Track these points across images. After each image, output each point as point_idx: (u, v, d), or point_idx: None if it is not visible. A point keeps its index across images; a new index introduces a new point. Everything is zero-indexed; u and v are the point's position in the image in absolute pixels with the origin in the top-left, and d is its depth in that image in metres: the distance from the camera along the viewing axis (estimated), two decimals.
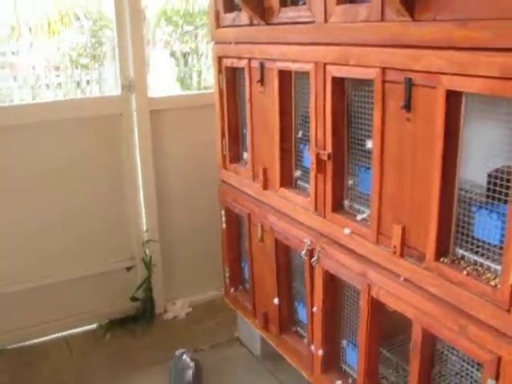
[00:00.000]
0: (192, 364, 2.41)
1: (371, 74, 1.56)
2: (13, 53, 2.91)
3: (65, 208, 2.86)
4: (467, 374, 1.57)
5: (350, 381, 2.00)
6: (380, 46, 1.52)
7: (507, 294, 1.27)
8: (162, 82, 3.48)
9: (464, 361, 1.57)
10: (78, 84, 3.11)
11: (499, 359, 1.32)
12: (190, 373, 2.36)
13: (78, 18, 2.96)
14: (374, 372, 1.86)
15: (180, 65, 3.47)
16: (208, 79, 3.44)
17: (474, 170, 1.46)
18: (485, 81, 1.23)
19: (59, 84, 3.08)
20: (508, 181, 1.29)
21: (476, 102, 1.35)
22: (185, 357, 2.44)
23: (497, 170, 1.35)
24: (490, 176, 1.38)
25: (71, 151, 2.82)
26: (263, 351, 2.68)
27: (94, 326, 3.05)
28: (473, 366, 1.54)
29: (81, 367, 2.70)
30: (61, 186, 2.83)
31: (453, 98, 1.35)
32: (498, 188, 1.33)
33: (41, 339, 2.93)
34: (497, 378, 1.33)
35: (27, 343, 2.89)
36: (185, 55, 3.50)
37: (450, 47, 1.30)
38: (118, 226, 3.03)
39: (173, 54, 3.47)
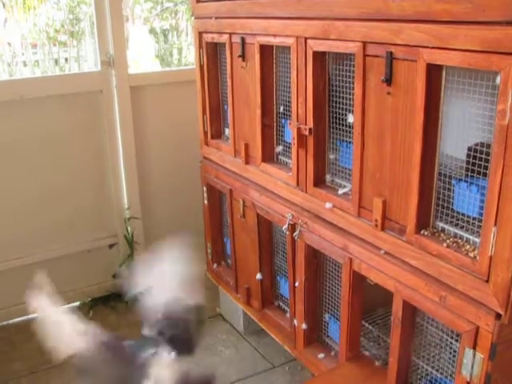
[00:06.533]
0: None
1: (352, 48, 1.56)
2: None
3: (45, 187, 2.83)
4: (446, 345, 1.60)
5: (333, 353, 2.02)
6: (361, 20, 1.52)
7: (485, 266, 1.29)
8: (142, 59, 3.45)
9: (443, 331, 1.60)
10: (56, 62, 3.06)
11: (477, 329, 1.34)
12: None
13: None
14: (356, 345, 1.89)
15: (160, 42, 3.44)
16: (188, 57, 3.41)
17: (455, 143, 1.47)
18: (464, 54, 1.23)
19: (36, 61, 3.03)
20: (488, 154, 1.30)
21: (457, 75, 1.35)
22: None
23: (477, 144, 1.36)
24: (470, 149, 1.40)
25: (50, 129, 2.79)
26: (246, 326, 2.70)
27: (77, 304, 3.04)
28: (452, 337, 1.56)
29: None
30: (40, 164, 2.80)
31: (433, 72, 1.35)
32: (477, 161, 1.35)
33: (23, 318, 2.92)
34: (474, 347, 1.35)
35: (10, 322, 2.89)
36: (165, 32, 3.47)
37: (429, 20, 1.31)
38: (99, 204, 3.01)
39: (152, 31, 3.43)
